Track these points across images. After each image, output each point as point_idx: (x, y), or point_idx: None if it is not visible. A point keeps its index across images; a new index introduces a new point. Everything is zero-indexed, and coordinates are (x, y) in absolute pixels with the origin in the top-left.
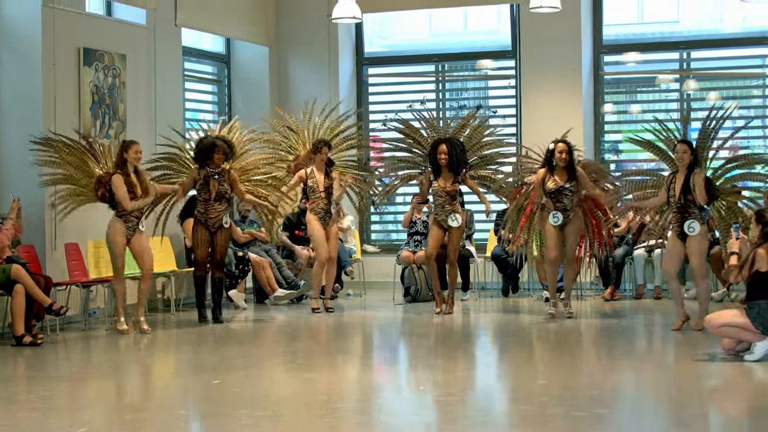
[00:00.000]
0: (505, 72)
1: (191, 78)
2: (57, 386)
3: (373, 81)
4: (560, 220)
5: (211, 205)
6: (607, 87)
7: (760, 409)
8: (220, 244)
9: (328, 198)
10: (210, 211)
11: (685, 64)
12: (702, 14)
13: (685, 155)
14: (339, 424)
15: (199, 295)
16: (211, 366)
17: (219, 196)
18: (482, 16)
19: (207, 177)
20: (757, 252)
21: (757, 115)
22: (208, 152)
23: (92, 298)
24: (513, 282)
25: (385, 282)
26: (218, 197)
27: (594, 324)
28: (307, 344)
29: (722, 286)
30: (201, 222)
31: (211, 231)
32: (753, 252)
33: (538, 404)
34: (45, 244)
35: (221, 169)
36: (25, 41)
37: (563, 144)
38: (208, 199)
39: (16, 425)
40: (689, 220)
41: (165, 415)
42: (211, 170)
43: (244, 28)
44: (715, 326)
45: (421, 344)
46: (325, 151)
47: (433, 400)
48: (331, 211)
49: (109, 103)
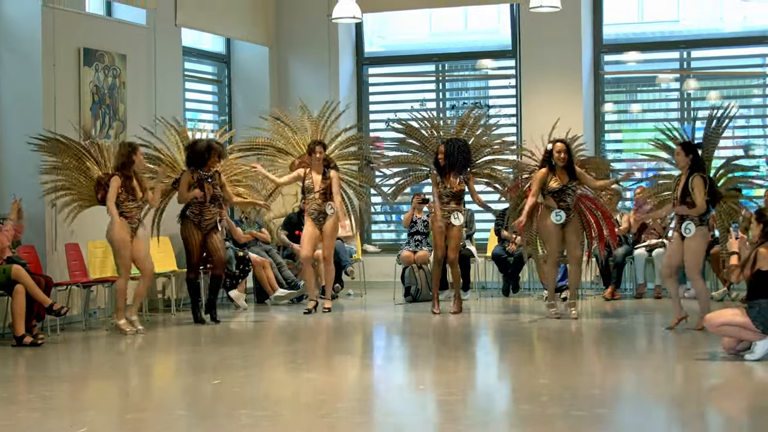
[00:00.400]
0: (505, 72)
1: (191, 78)
2: (57, 386)
3: (374, 81)
4: (563, 219)
5: (206, 207)
6: (607, 86)
7: (760, 408)
8: (216, 245)
9: (322, 199)
10: (205, 212)
11: (686, 64)
12: (702, 13)
13: (679, 157)
14: (339, 424)
15: (194, 297)
16: (211, 366)
17: (213, 198)
18: (482, 15)
19: (200, 180)
20: (759, 251)
21: (758, 114)
22: (204, 156)
23: (93, 299)
24: (513, 282)
25: (385, 282)
26: (212, 199)
27: (594, 323)
28: (308, 344)
29: (723, 286)
30: (195, 223)
31: (204, 232)
32: (755, 251)
33: (538, 404)
34: (45, 245)
35: (213, 171)
36: (25, 41)
37: (561, 144)
38: (203, 201)
39: (16, 425)
40: (686, 222)
41: (165, 415)
42: (204, 173)
43: (244, 28)
44: (715, 325)
45: (421, 344)
46: (319, 151)
47: (434, 400)
48: (326, 212)
49: (110, 104)
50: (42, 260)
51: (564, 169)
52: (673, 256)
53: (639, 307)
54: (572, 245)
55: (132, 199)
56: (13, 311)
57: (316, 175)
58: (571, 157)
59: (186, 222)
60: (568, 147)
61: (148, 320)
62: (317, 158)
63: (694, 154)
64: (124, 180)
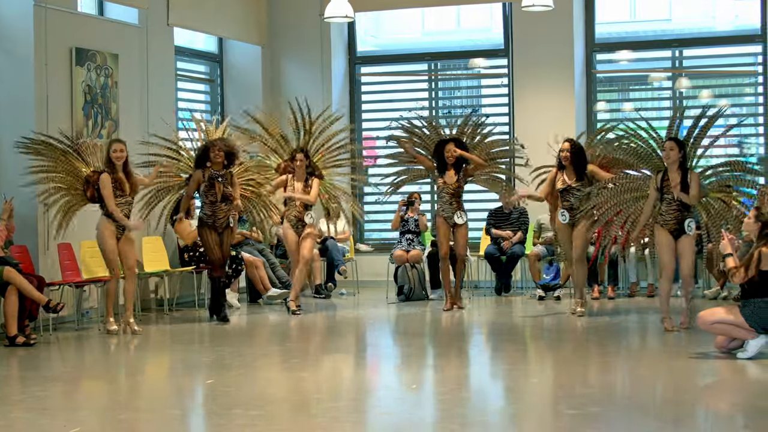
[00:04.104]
0: (497, 70)
1: (184, 78)
2: (51, 386)
3: (366, 80)
4: (567, 219)
5: (218, 206)
6: (599, 85)
7: (753, 406)
8: (227, 244)
9: (303, 207)
10: (218, 212)
11: (678, 62)
12: (694, 12)
13: (672, 152)
14: (333, 423)
15: (216, 295)
16: (204, 365)
17: (224, 198)
18: (475, 14)
19: (212, 179)
20: (762, 251)
21: (750, 113)
22: (207, 154)
23: (85, 298)
24: (506, 281)
25: (378, 281)
26: (224, 198)
27: (587, 322)
28: (301, 343)
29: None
30: (209, 224)
31: (219, 231)
32: (758, 251)
33: (531, 403)
34: (38, 244)
35: (225, 171)
36: (16, 41)
37: (567, 143)
38: (215, 201)
39: (10, 426)
40: (689, 219)
41: (159, 414)
42: (215, 172)
43: (236, 27)
44: (707, 323)
45: (414, 343)
46: (300, 158)
47: (427, 399)
48: (305, 221)
49: (102, 103)
50: (34, 260)
51: (572, 169)
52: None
53: (631, 305)
54: (576, 245)
55: (120, 194)
56: (5, 312)
57: (298, 182)
58: (580, 157)
59: (201, 224)
60: (576, 146)
61: (140, 319)
62: (298, 165)
63: (684, 150)
64: (112, 177)
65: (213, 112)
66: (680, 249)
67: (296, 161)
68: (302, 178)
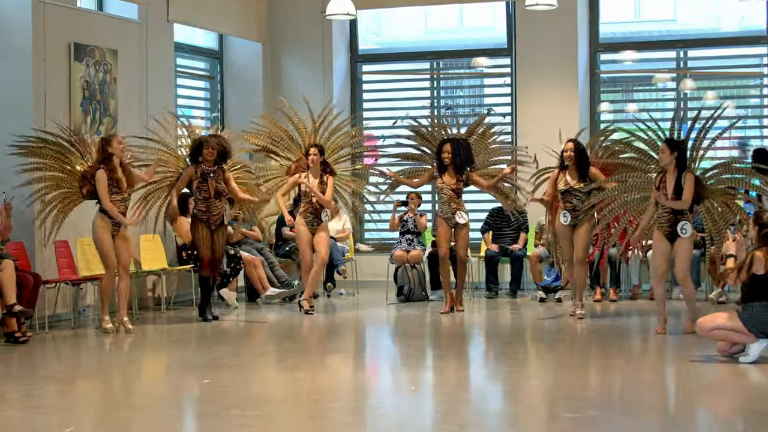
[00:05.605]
0: (500, 70)
1: (183, 74)
2: (46, 385)
3: (368, 78)
4: (569, 220)
5: (212, 202)
6: (603, 86)
7: (754, 410)
8: (220, 242)
9: (319, 203)
10: (212, 208)
11: (682, 63)
12: (699, 13)
13: (663, 155)
14: (330, 423)
15: (204, 295)
16: (201, 365)
17: (217, 194)
18: (478, 13)
19: (204, 175)
20: (755, 255)
21: (754, 115)
22: (200, 149)
23: (82, 296)
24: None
25: (378, 281)
26: (217, 194)
27: (588, 324)
28: (299, 343)
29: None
30: (203, 221)
31: (212, 229)
32: (750, 255)
33: (530, 405)
34: (34, 242)
35: (217, 167)
36: (15, 35)
37: (570, 143)
38: (208, 197)
39: (4, 424)
40: (682, 222)
41: (155, 414)
42: (207, 168)
43: (236, 24)
44: (706, 329)
45: (413, 344)
46: (313, 152)
47: (426, 400)
48: (321, 218)
49: (100, 99)
50: (31, 257)
51: (575, 170)
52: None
53: (633, 308)
54: (577, 247)
55: (117, 191)
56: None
57: (313, 179)
58: (583, 157)
59: (195, 220)
60: (579, 147)
61: (137, 318)
62: (312, 161)
63: (679, 151)
64: (109, 173)
65: (213, 109)
66: (675, 251)
67: (310, 156)
68: (317, 175)
